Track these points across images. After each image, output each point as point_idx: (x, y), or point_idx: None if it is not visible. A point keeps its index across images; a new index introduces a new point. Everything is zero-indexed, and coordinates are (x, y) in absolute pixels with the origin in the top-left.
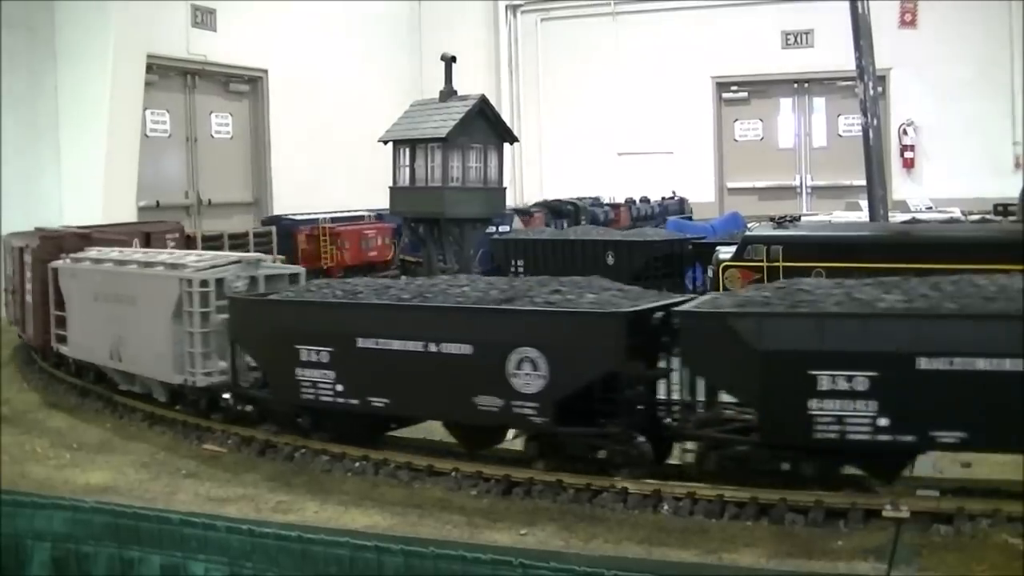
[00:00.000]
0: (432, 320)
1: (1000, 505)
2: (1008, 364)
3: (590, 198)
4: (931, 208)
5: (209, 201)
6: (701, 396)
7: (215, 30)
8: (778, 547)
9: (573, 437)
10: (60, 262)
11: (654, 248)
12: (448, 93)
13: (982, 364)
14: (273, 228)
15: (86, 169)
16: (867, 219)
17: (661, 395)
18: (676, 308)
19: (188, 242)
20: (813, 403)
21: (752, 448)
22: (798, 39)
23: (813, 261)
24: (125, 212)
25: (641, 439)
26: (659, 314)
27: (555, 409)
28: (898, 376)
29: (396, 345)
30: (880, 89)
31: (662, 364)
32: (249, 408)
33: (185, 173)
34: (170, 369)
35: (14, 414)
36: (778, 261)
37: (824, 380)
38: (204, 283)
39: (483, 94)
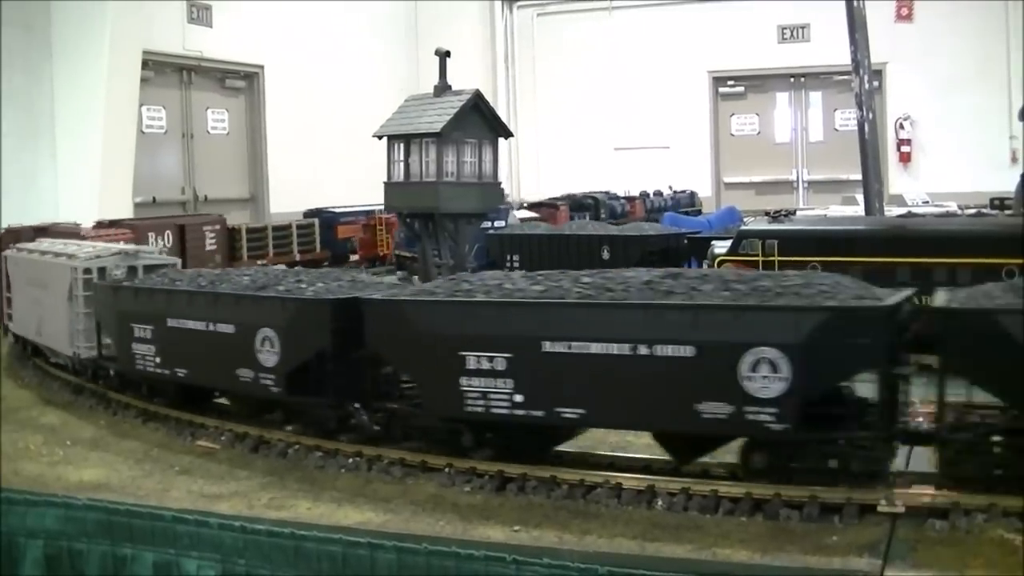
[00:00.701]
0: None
1: (996, 500)
2: (616, 348)
3: (603, 192)
4: (927, 202)
5: (205, 197)
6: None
7: (211, 26)
8: (773, 543)
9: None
10: (9, 251)
11: (649, 242)
12: (442, 88)
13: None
14: (316, 220)
15: (82, 165)
16: (863, 213)
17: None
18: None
19: (232, 233)
20: None
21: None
22: (794, 33)
23: (808, 255)
24: (121, 208)
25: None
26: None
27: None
28: None
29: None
30: (876, 83)
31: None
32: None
33: (181, 169)
34: (66, 343)
35: (7, 411)
36: (773, 255)
37: None
38: (87, 271)
39: (477, 89)
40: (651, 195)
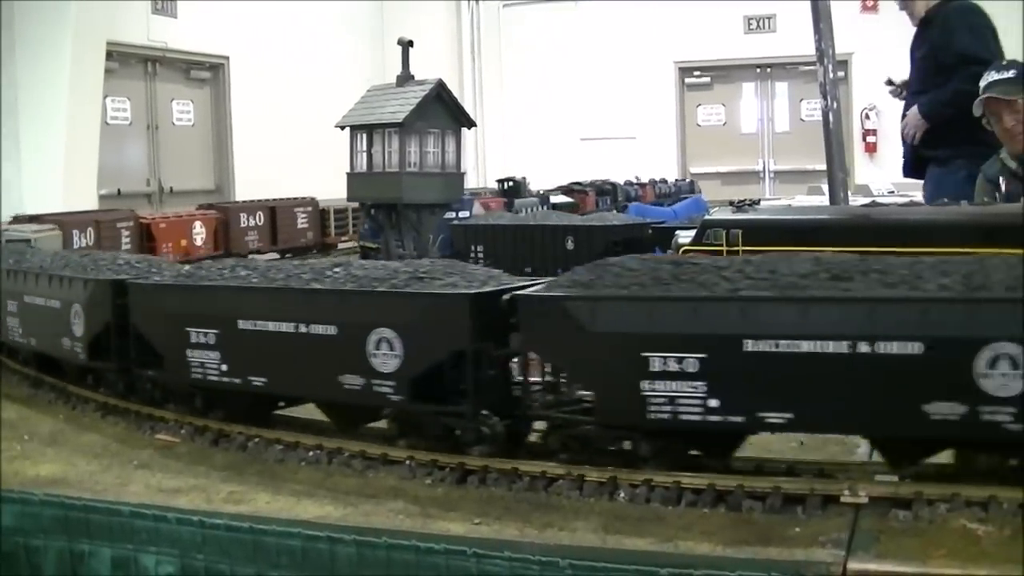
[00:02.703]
0: None
1: (958, 490)
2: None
3: (599, 180)
4: (893, 192)
5: (171, 189)
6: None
7: (175, 17)
8: (735, 534)
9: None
10: None
11: (614, 232)
12: (405, 78)
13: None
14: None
15: (46, 157)
16: (828, 203)
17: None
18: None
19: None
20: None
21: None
22: (760, 24)
23: (772, 245)
24: (86, 200)
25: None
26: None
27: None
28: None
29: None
30: (841, 73)
31: None
32: None
33: (146, 161)
34: None
35: None
36: (737, 245)
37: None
38: None
39: (440, 79)
40: (657, 182)
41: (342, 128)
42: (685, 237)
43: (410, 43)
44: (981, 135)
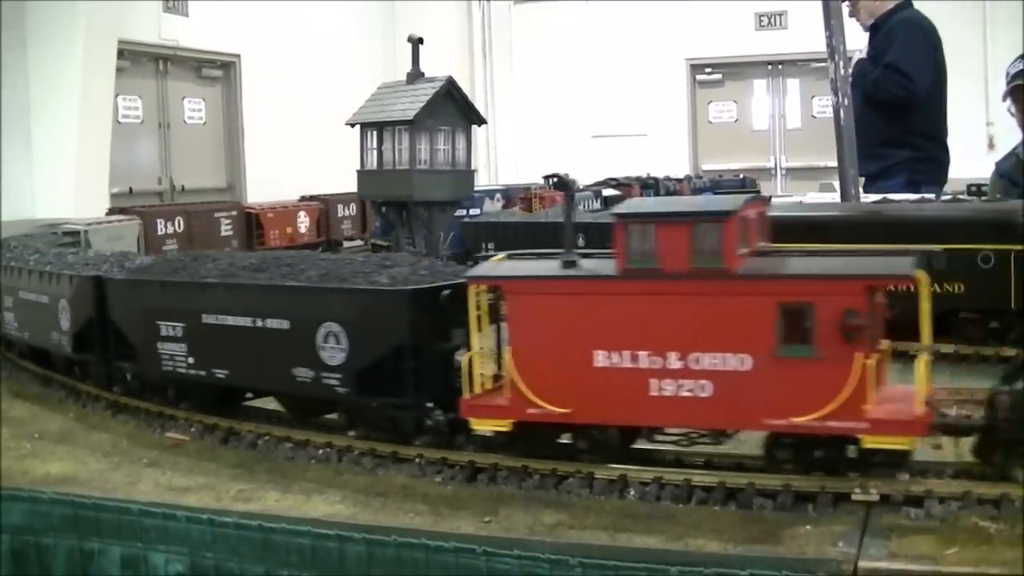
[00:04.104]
0: None
1: (970, 487)
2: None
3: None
4: None
5: (183, 187)
6: None
7: (187, 15)
8: (745, 532)
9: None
10: None
11: None
12: (415, 75)
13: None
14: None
15: (58, 156)
16: (839, 200)
17: None
18: None
19: None
20: None
21: None
22: (772, 20)
23: (783, 241)
24: (97, 199)
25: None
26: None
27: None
28: None
29: None
30: (852, 69)
31: None
32: None
33: (158, 159)
34: None
35: None
36: None
37: None
38: None
39: (450, 76)
40: (693, 178)
41: (352, 126)
42: None
43: (420, 41)
44: (908, 139)
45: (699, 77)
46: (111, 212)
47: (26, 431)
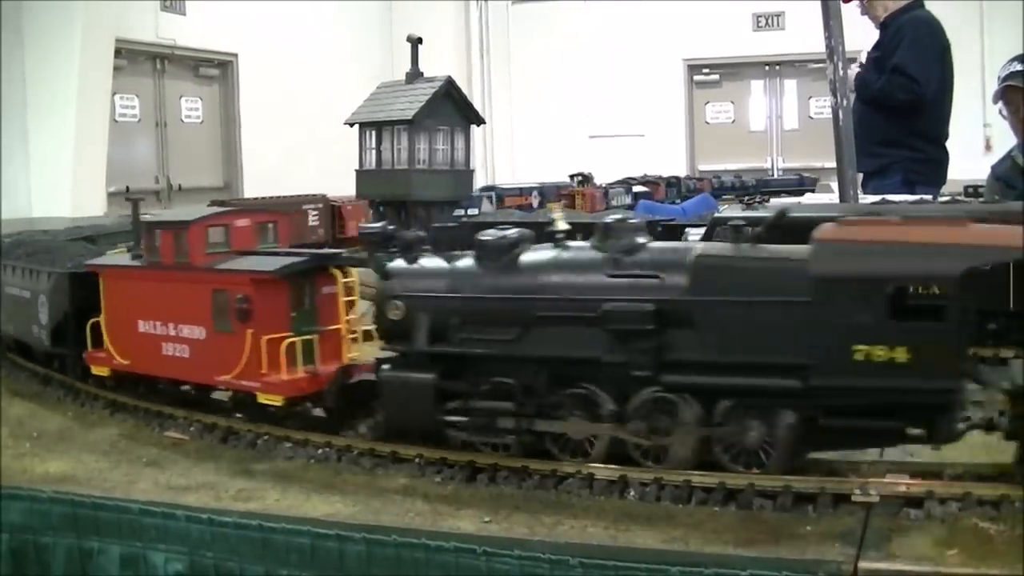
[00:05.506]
0: None
1: (970, 488)
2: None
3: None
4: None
5: (180, 186)
6: None
7: (184, 14)
8: (745, 533)
9: None
10: None
11: None
12: (414, 75)
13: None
14: (492, 194)
15: (55, 154)
16: (837, 201)
17: None
18: None
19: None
20: None
21: None
22: (769, 21)
23: (783, 241)
24: (95, 198)
25: None
26: None
27: None
28: None
29: None
30: (854, 82)
31: None
32: None
33: (155, 158)
34: None
35: None
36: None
37: None
38: None
39: (449, 76)
40: (711, 176)
41: (351, 125)
42: (694, 235)
43: (419, 40)
44: (908, 139)
45: (696, 77)
46: (211, 204)
47: (25, 430)
